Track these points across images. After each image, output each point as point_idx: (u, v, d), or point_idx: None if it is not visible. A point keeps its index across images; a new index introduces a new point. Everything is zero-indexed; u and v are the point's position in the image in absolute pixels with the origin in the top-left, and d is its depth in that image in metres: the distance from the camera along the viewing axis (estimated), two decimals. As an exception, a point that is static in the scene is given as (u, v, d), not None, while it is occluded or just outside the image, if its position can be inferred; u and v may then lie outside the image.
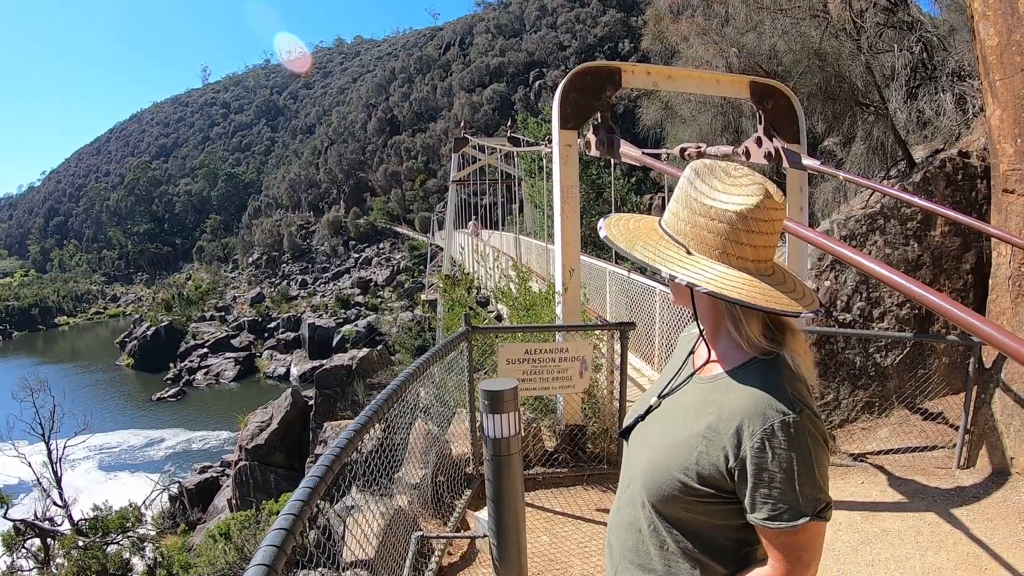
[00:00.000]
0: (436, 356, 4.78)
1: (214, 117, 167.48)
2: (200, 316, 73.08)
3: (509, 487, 3.96)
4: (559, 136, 6.20)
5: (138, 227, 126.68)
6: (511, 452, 3.88)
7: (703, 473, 1.53)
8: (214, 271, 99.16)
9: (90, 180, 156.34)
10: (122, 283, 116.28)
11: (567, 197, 6.16)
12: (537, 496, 5.87)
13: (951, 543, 5.08)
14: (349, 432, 2.77)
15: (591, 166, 22.66)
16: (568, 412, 6.30)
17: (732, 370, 1.59)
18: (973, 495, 5.91)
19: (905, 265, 7.83)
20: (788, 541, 1.48)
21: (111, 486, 33.72)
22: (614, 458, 6.24)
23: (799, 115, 7.08)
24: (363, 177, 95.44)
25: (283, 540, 1.79)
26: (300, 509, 1.98)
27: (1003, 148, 6.61)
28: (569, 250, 6.24)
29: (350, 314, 63.68)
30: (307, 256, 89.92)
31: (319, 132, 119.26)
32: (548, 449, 6.40)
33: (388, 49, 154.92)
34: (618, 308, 11.35)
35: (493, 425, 3.80)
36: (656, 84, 6.79)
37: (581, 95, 6.29)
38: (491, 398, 3.76)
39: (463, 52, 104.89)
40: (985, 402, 6.47)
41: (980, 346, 6.48)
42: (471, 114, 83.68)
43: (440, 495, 5.43)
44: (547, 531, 5.29)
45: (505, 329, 6.78)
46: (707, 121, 13.60)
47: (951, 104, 10.05)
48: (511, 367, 5.56)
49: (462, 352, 5.64)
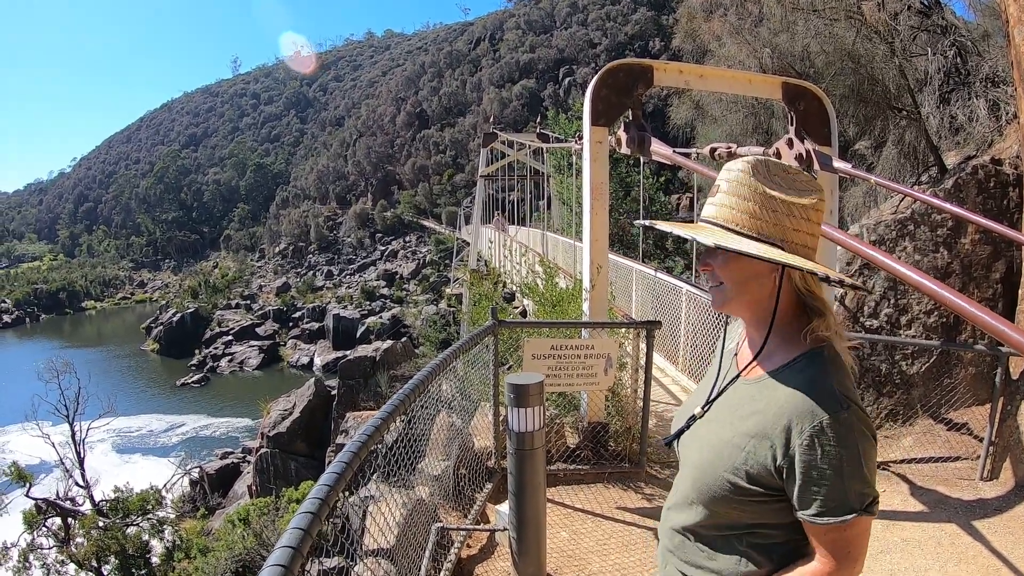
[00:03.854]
0: (462, 349, 4.79)
1: (244, 108, 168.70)
2: (226, 304, 73.62)
3: (531, 481, 3.97)
4: (590, 133, 6.19)
5: (166, 215, 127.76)
6: (535, 446, 3.89)
7: (752, 472, 1.56)
8: (241, 260, 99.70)
9: (120, 167, 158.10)
10: (149, 269, 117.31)
11: (597, 194, 6.15)
12: (558, 492, 5.87)
13: (971, 556, 5.02)
14: (372, 423, 2.78)
15: (620, 164, 22.51)
16: (592, 409, 6.30)
17: (778, 369, 1.63)
18: (996, 508, 5.82)
19: (934, 272, 7.70)
20: (836, 537, 1.51)
21: (132, 468, 34.01)
22: (636, 457, 6.23)
23: (831, 117, 7.01)
24: (391, 170, 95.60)
25: (300, 540, 1.78)
26: (318, 507, 1.95)
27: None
28: (597, 247, 6.23)
29: (375, 306, 63.90)
30: (333, 247, 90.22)
31: (348, 124, 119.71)
32: (570, 446, 6.39)
33: (418, 43, 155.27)
34: (644, 307, 11.32)
35: (518, 419, 3.82)
36: (688, 83, 6.76)
37: (613, 92, 6.28)
38: (517, 392, 3.78)
39: (493, 48, 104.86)
40: (1011, 414, 6.35)
41: (1008, 356, 6.35)
42: (500, 110, 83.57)
43: (461, 488, 5.45)
44: (566, 527, 5.30)
45: (532, 324, 6.77)
46: (737, 121, 13.52)
47: (984, 110, 9.95)
48: (536, 362, 5.56)
49: (487, 346, 5.66)
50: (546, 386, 5.64)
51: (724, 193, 1.64)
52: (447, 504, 5.34)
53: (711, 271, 1.68)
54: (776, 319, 1.64)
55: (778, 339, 1.66)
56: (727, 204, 1.62)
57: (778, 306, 1.64)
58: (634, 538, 5.16)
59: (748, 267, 1.61)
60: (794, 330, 1.64)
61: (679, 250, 24.30)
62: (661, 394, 9.07)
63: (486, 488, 5.63)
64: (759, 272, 1.61)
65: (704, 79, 6.87)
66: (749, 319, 1.72)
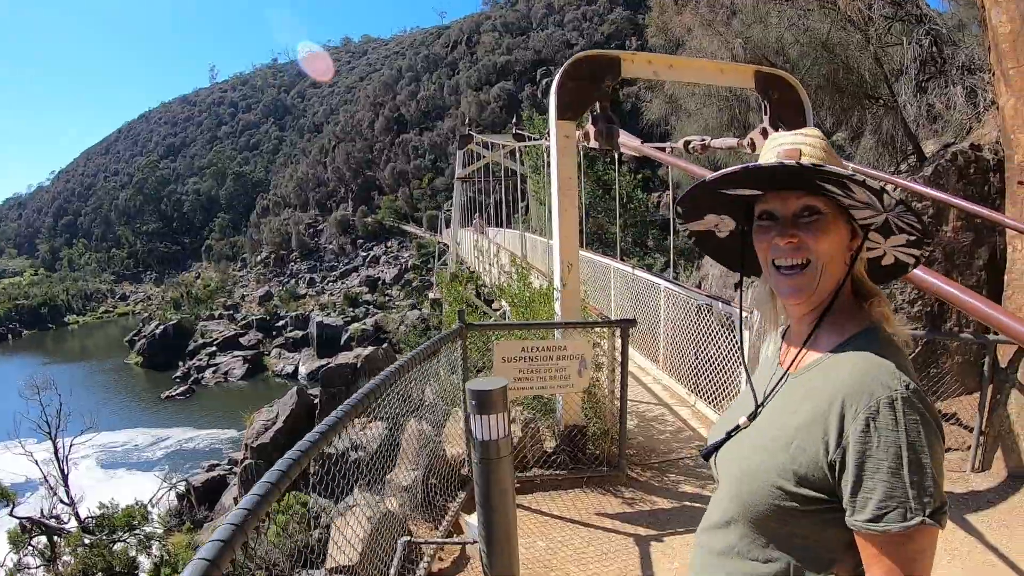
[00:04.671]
0: (421, 356, 4.57)
1: (222, 116, 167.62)
2: (209, 315, 72.92)
3: (499, 492, 3.77)
4: (556, 127, 5.99)
5: (147, 226, 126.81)
6: (501, 455, 3.70)
7: (800, 472, 1.33)
8: (223, 270, 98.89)
9: (99, 179, 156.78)
10: (131, 282, 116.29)
11: (565, 189, 5.95)
12: (534, 499, 5.68)
13: (965, 551, 4.87)
14: (304, 445, 2.59)
15: (597, 162, 22.44)
16: (567, 412, 6.10)
17: (832, 349, 1.42)
18: (988, 500, 5.71)
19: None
20: (895, 551, 1.24)
21: (117, 484, 33.54)
22: (615, 460, 6.04)
23: (806, 106, 6.87)
24: (371, 176, 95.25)
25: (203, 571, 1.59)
26: (231, 534, 1.78)
27: (1018, 138, 6.44)
28: (567, 244, 6.03)
29: (358, 312, 63.45)
30: (315, 254, 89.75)
31: (327, 131, 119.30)
32: (547, 450, 6.20)
33: (395, 48, 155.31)
34: (623, 306, 11.13)
35: (481, 427, 3.62)
36: (657, 73, 6.58)
37: (579, 84, 6.09)
38: (479, 398, 3.58)
39: (470, 50, 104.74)
40: (1001, 403, 6.23)
41: (996, 344, 6.20)
42: (478, 112, 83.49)
43: (432, 498, 5.25)
44: (543, 535, 5.11)
45: (501, 326, 6.55)
46: (713, 115, 13.41)
47: (962, 98, 9.98)
48: (507, 365, 5.35)
49: (456, 350, 5.46)
50: (518, 390, 5.47)
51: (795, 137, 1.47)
52: (418, 516, 5.14)
53: (797, 242, 1.41)
54: (836, 301, 1.44)
55: (828, 325, 1.45)
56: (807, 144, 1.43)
57: (843, 286, 1.44)
58: (614, 546, 4.97)
59: (840, 238, 1.42)
60: (845, 315, 1.45)
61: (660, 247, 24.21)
62: (642, 394, 8.90)
63: (459, 497, 5.44)
64: (845, 245, 1.43)
65: (674, 69, 6.69)
66: (806, 310, 1.49)
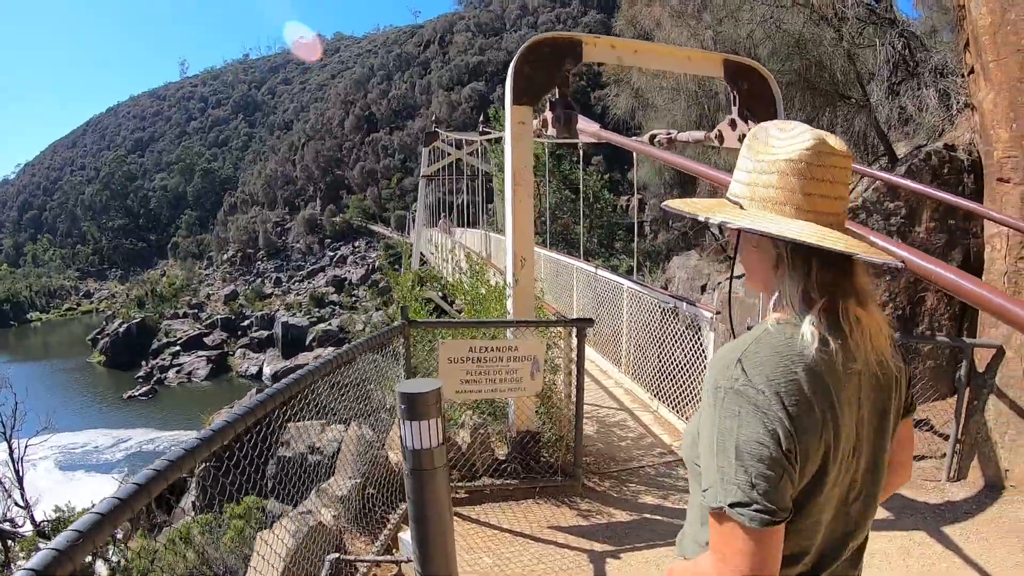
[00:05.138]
0: (349, 354, 4.16)
1: (191, 111, 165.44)
2: (173, 313, 72.00)
3: (434, 507, 3.37)
4: (511, 112, 5.61)
5: (113, 222, 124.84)
6: (435, 465, 3.30)
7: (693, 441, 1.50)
8: (188, 268, 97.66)
9: (65, 174, 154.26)
10: (96, 279, 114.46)
11: (519, 179, 5.56)
12: (483, 510, 5.30)
13: (944, 567, 4.59)
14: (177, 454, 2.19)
15: (563, 160, 22.15)
16: (520, 417, 5.71)
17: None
18: (965, 511, 5.48)
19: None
20: (713, 525, 1.36)
21: (76, 486, 32.70)
22: (570, 469, 5.66)
23: (776, 98, 6.60)
24: (340, 175, 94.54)
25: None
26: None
27: (997, 134, 6.23)
28: (521, 237, 5.63)
29: (324, 312, 63.03)
30: (282, 254, 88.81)
31: (296, 128, 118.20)
32: (499, 457, 5.81)
33: (368, 46, 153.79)
34: (585, 307, 10.79)
35: (412, 434, 3.22)
36: (621, 59, 6.23)
37: (537, 68, 5.70)
38: (409, 401, 3.18)
39: (443, 50, 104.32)
40: (978, 409, 6.07)
41: (973, 349, 6.07)
42: (449, 112, 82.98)
43: (371, 509, 4.85)
44: (490, 551, 4.72)
45: (447, 324, 6.11)
46: (680, 111, 13.16)
47: (935, 100, 9.84)
48: (453, 367, 4.94)
49: (397, 349, 5.05)
50: (466, 393, 5.07)
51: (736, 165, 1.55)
52: (355, 529, 4.74)
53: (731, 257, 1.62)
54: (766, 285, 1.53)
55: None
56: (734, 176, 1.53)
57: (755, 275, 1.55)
58: (566, 563, 4.60)
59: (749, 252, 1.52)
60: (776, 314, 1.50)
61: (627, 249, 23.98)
62: (603, 398, 8.56)
63: (400, 508, 5.03)
64: (760, 258, 1.50)
65: (639, 55, 6.33)
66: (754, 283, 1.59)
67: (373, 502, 4.87)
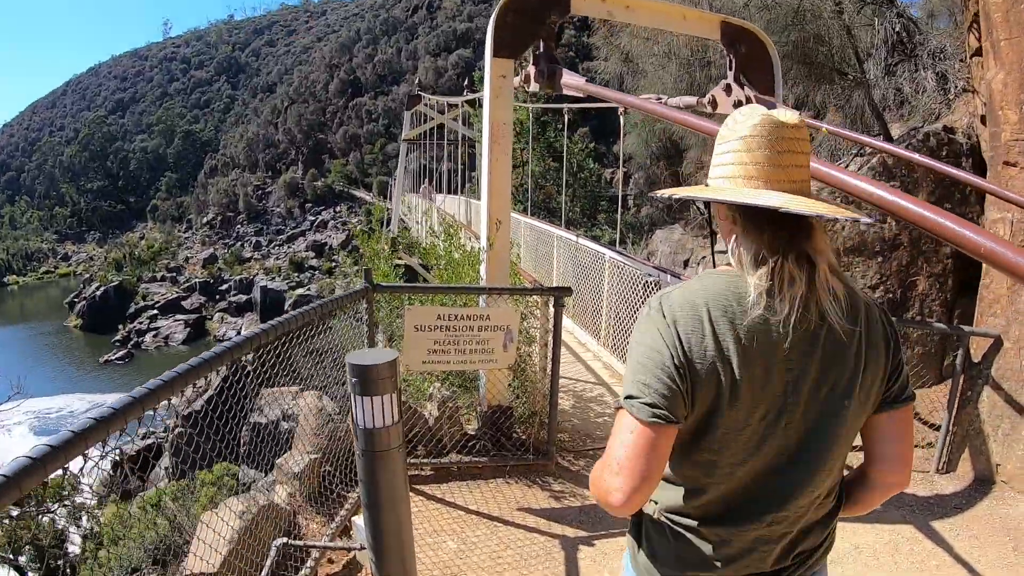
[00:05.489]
0: (296, 321, 3.80)
1: (174, 72, 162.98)
2: (151, 277, 71.37)
3: (389, 491, 3.02)
4: (491, 65, 5.19)
5: (91, 184, 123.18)
6: (391, 446, 2.94)
7: None
8: (167, 231, 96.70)
9: (44, 134, 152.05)
10: (74, 241, 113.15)
11: (497, 136, 5.15)
12: (449, 490, 4.96)
13: (933, 565, 4.35)
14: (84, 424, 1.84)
15: (548, 129, 21.71)
16: (491, 391, 5.35)
17: None
18: (955, 506, 5.28)
19: (881, 244, 7.27)
20: (615, 422, 1.51)
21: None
22: (543, 446, 5.34)
23: (775, 63, 6.26)
24: (322, 139, 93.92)
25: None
26: None
27: (1006, 115, 5.93)
28: (497, 198, 5.23)
29: (303, 277, 62.82)
30: (262, 217, 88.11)
31: (280, 91, 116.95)
32: (468, 432, 5.48)
33: (355, 10, 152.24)
34: (566, 277, 10.47)
35: (364, 411, 2.85)
36: (611, 14, 5.83)
37: (520, 18, 5.28)
38: (360, 375, 2.80)
39: (431, 16, 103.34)
40: (971, 400, 5.85)
41: (970, 336, 5.82)
42: (435, 79, 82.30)
43: (328, 487, 4.51)
44: (455, 534, 4.40)
45: (415, 289, 5.64)
46: (671, 78, 12.88)
47: (932, 82, 9.79)
48: (421, 335, 4.58)
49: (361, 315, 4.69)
50: (433, 363, 4.72)
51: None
52: (311, 509, 4.41)
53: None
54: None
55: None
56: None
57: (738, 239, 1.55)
58: (536, 549, 4.29)
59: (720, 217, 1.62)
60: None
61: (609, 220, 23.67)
62: (580, 372, 8.26)
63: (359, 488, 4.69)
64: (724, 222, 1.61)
65: (631, 11, 5.93)
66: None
67: (330, 479, 4.53)
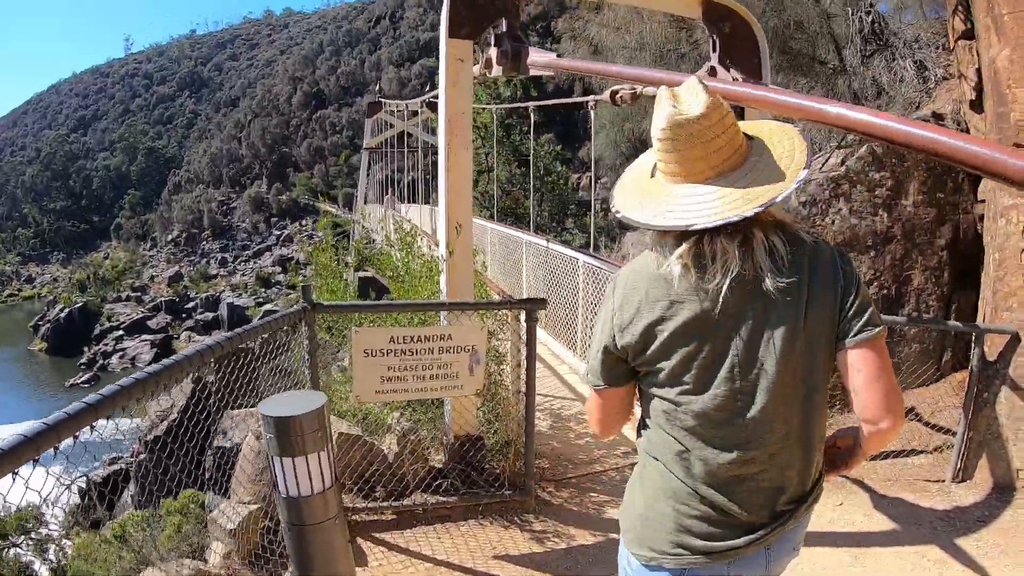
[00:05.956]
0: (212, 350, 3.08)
1: (136, 88, 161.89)
2: (116, 297, 70.49)
3: (324, 571, 2.39)
4: (447, 47, 4.50)
5: (54, 204, 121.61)
6: (326, 516, 2.30)
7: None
8: (132, 250, 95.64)
9: (5, 155, 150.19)
10: (38, 263, 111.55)
11: (455, 127, 4.46)
12: (414, 536, 4.30)
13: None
14: None
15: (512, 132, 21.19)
16: (458, 420, 4.66)
17: None
18: (978, 518, 4.78)
19: (872, 237, 7.00)
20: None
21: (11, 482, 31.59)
22: (520, 480, 4.67)
23: (762, 46, 5.67)
24: (286, 152, 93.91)
25: None
26: None
27: (1014, 94, 5.54)
28: (457, 199, 4.48)
29: (271, 293, 62.64)
30: (228, 233, 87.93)
31: (243, 105, 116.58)
32: (435, 466, 4.82)
33: (317, 22, 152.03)
34: (536, 287, 9.87)
35: (285, 475, 2.21)
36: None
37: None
38: (280, 430, 2.16)
39: (394, 26, 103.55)
40: (988, 402, 5.41)
41: (984, 334, 5.36)
42: (399, 89, 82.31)
43: (272, 545, 3.84)
44: (422, 592, 3.75)
45: (362, 307, 4.83)
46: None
47: (912, 71, 9.58)
48: (372, 361, 3.91)
49: (301, 341, 4.02)
50: (387, 393, 4.06)
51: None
52: (252, 573, 3.74)
53: None
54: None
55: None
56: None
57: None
58: (516, 607, 3.65)
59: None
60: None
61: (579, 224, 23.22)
62: (556, 387, 7.63)
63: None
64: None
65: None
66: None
67: (273, 535, 3.86)
